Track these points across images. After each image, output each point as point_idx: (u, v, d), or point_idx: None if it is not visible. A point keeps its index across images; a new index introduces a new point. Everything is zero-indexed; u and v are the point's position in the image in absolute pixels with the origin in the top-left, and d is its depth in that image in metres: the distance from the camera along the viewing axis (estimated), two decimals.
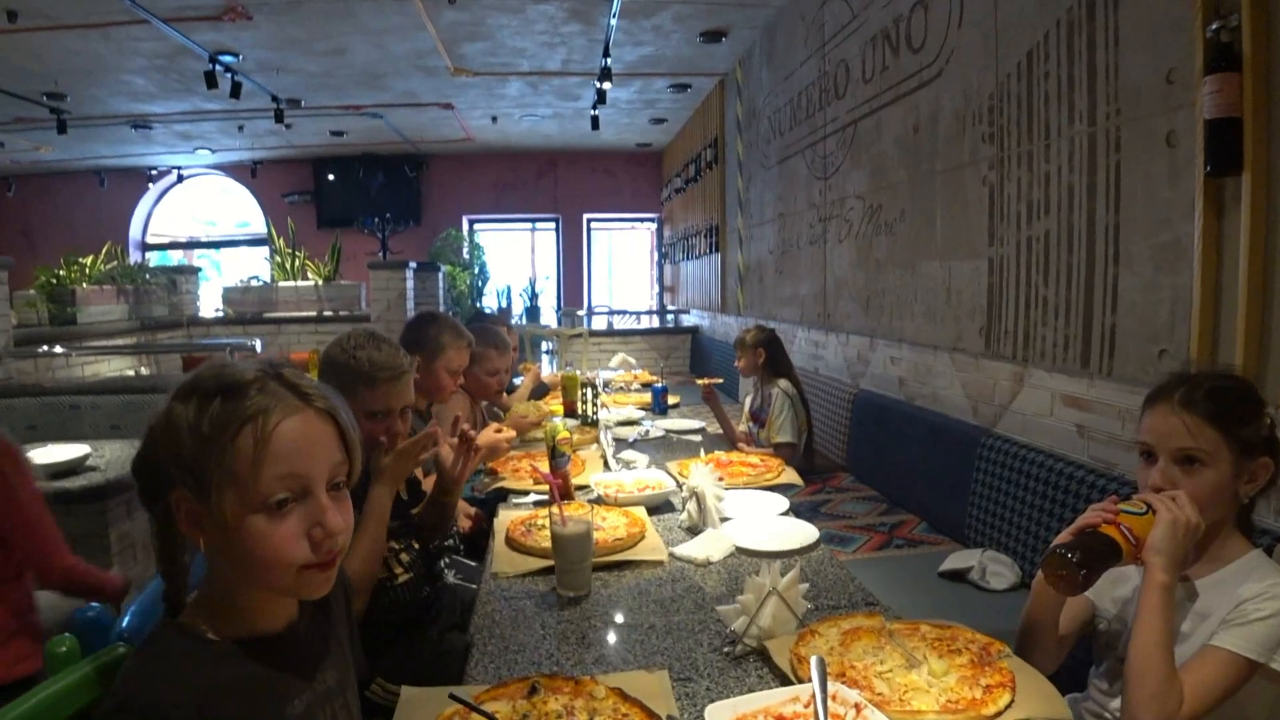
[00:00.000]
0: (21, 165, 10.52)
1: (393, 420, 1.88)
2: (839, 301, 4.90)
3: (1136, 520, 1.32)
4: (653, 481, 2.52)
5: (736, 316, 7.58)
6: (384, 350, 1.92)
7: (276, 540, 0.95)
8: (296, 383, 1.01)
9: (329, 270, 7.43)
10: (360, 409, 1.81)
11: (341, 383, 1.81)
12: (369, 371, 1.87)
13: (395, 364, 1.91)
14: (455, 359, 2.79)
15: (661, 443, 3.37)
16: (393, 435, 1.88)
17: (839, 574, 1.85)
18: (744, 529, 2.10)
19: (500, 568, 1.87)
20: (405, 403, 1.91)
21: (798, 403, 4.03)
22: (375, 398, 1.88)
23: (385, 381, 1.89)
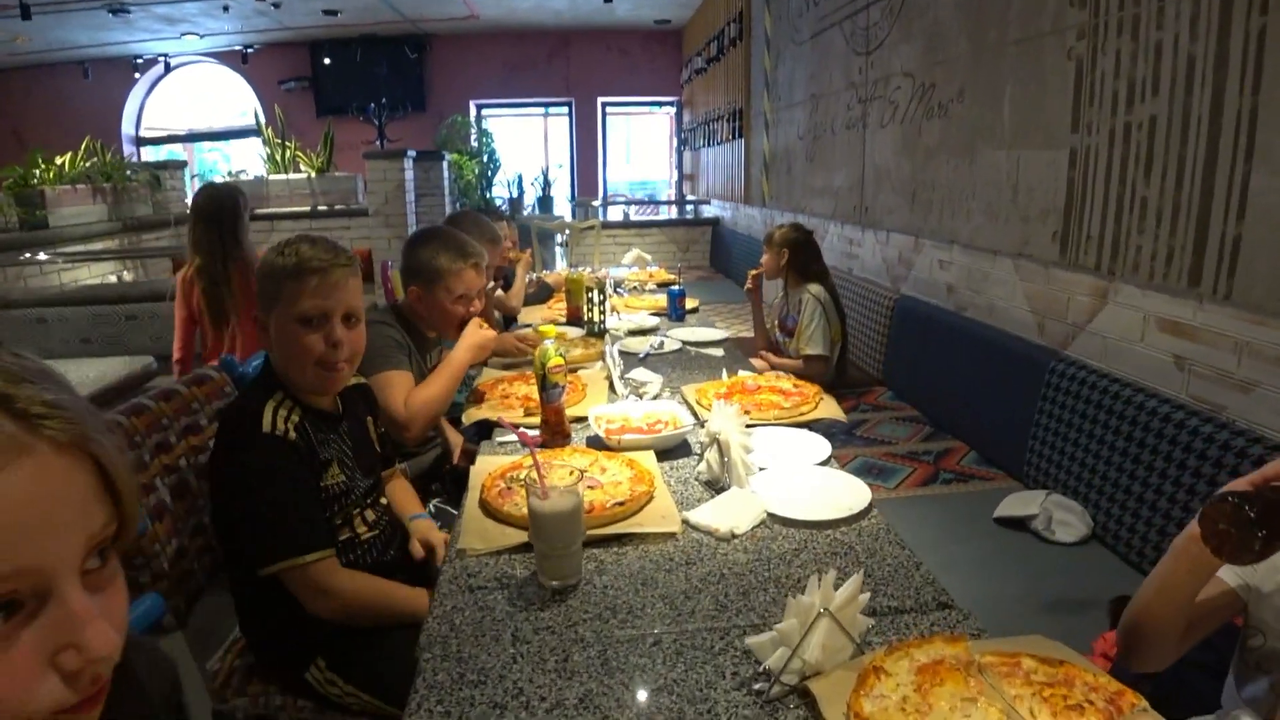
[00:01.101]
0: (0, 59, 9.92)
1: (331, 327, 1.62)
2: (879, 195, 4.37)
3: None
4: (665, 415, 2.11)
5: (761, 208, 7.04)
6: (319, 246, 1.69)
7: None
8: (12, 394, 0.54)
9: (322, 161, 6.91)
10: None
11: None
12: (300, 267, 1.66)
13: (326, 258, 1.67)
14: (459, 283, 2.37)
15: (678, 359, 2.94)
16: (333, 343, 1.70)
17: (900, 556, 1.44)
18: (776, 486, 1.69)
19: (469, 542, 1.47)
20: (345, 308, 1.64)
21: (831, 310, 3.58)
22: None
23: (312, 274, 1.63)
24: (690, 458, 1.92)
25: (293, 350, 1.58)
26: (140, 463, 1.67)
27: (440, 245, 2.36)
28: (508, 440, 2.07)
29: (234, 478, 1.51)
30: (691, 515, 1.56)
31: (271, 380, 1.63)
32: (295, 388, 1.62)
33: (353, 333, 1.63)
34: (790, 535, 1.52)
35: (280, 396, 1.58)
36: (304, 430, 1.58)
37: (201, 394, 1.97)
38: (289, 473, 1.51)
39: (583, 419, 2.16)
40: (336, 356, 1.59)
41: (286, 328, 1.57)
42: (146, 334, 4.22)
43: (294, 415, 1.57)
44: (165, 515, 1.69)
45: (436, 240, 2.39)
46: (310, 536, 1.51)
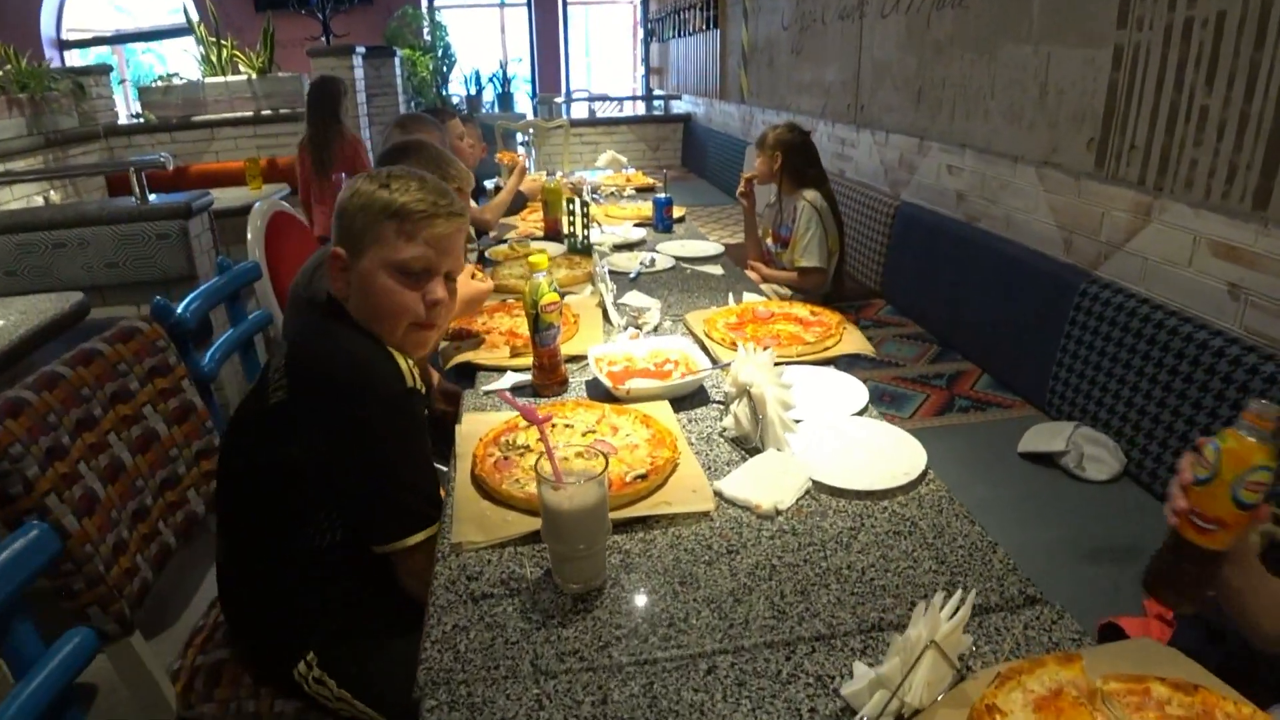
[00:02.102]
0: None
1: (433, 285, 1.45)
2: (878, 92, 4.04)
3: (1203, 494, 0.96)
4: (674, 353, 1.86)
5: (739, 104, 6.64)
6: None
7: None
8: None
9: (262, 61, 6.34)
10: None
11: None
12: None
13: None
14: None
15: (674, 279, 2.67)
16: None
17: (971, 535, 1.23)
18: (816, 446, 1.46)
19: (465, 533, 1.23)
20: (451, 265, 1.47)
21: (828, 218, 3.32)
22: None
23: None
24: (709, 406, 1.68)
25: (384, 303, 1.36)
26: (58, 447, 1.40)
27: (418, 164, 1.99)
28: (494, 388, 1.82)
29: (376, 443, 1.26)
30: (725, 486, 1.32)
31: (360, 328, 1.38)
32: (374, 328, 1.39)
33: (451, 295, 1.45)
34: (841, 509, 1.29)
35: (380, 344, 1.36)
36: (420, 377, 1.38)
37: (129, 352, 1.68)
38: (427, 433, 1.39)
39: (578, 358, 1.90)
40: (434, 318, 1.40)
41: (378, 275, 1.35)
42: (77, 263, 3.79)
43: (412, 366, 1.35)
44: (96, 508, 1.43)
45: (413, 159, 2.07)
46: (436, 504, 1.35)
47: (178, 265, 3.89)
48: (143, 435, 1.64)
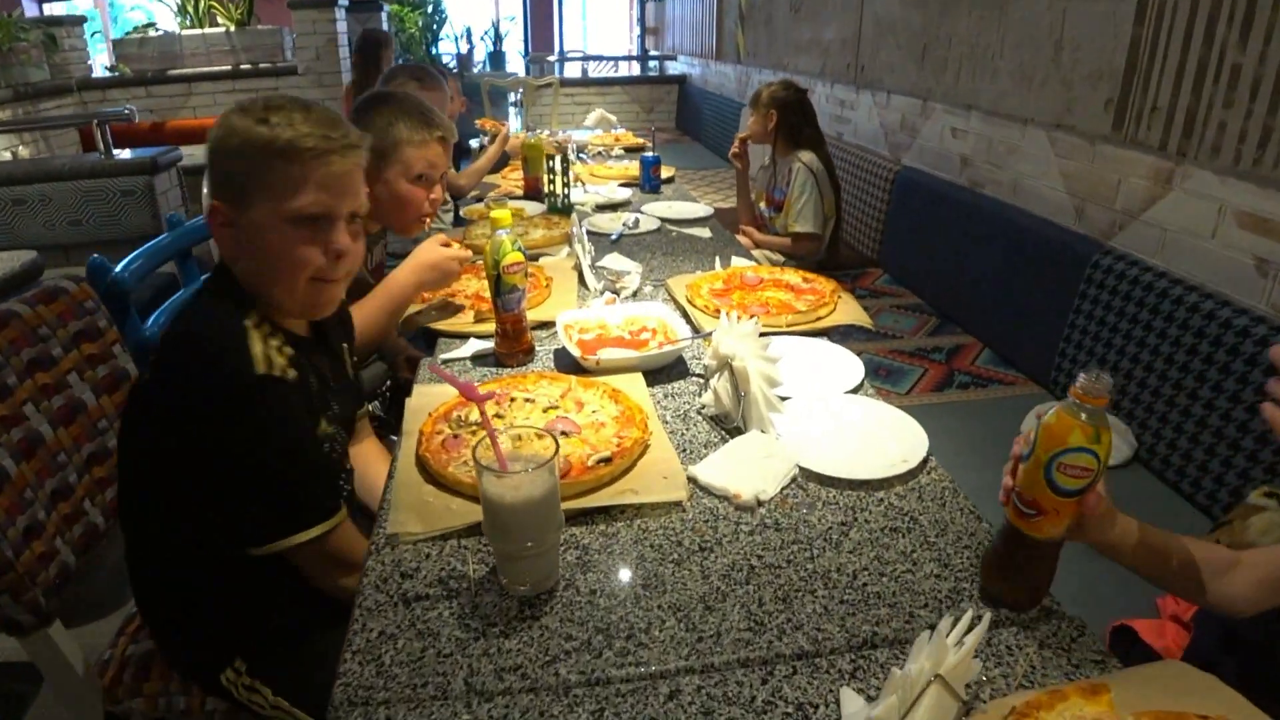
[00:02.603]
0: None
1: (334, 232, 1.20)
2: (879, 51, 3.85)
3: (1025, 473, 0.88)
4: (651, 320, 1.71)
5: (735, 64, 6.43)
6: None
7: None
8: None
9: (241, 13, 6.09)
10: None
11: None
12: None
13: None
14: (419, 158, 1.84)
15: (658, 241, 2.51)
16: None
17: (978, 532, 1.09)
18: (805, 427, 1.31)
19: (402, 522, 1.08)
20: (353, 205, 1.22)
21: (824, 181, 3.15)
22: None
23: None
24: (687, 380, 1.53)
25: (279, 259, 1.15)
26: None
27: (398, 110, 1.83)
28: (454, 357, 1.66)
29: (217, 438, 1.07)
30: (700, 472, 1.18)
31: (234, 294, 1.18)
32: (265, 305, 1.19)
33: (356, 241, 1.22)
34: (832, 499, 1.15)
35: (254, 319, 1.15)
36: (299, 361, 1.18)
37: (52, 314, 1.52)
38: (295, 423, 1.14)
39: (549, 325, 1.75)
40: (337, 271, 1.19)
41: (271, 228, 1.13)
42: (38, 220, 3.63)
43: (284, 344, 1.16)
44: (5, 487, 1.28)
45: (392, 103, 1.86)
46: (325, 499, 1.17)
47: (143, 223, 3.72)
48: (66, 406, 1.48)
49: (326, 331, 1.35)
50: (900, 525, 1.09)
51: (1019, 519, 0.89)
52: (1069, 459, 0.82)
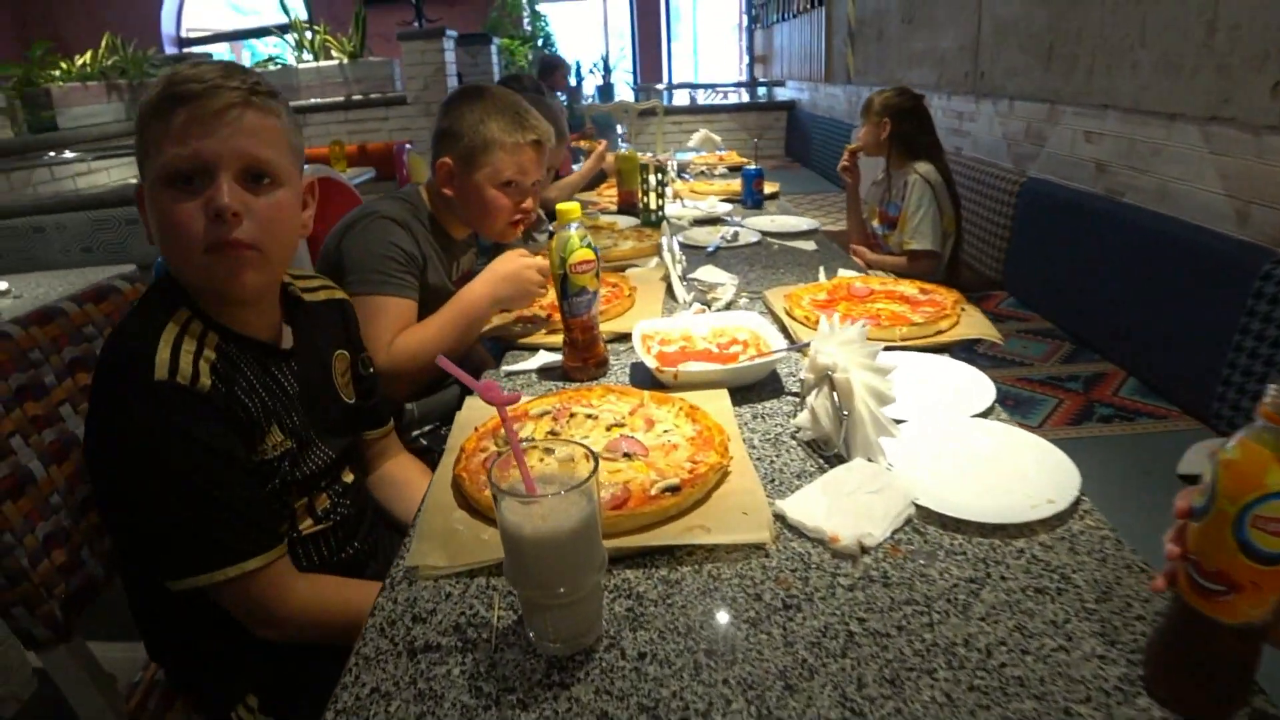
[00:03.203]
0: None
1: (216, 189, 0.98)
2: (1000, 54, 3.56)
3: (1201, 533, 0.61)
4: (742, 331, 1.49)
5: (845, 85, 6.18)
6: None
7: None
8: None
9: (354, 46, 6.25)
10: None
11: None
12: None
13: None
14: (510, 162, 1.67)
15: (757, 254, 2.29)
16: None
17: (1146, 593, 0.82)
18: (923, 457, 1.07)
19: (425, 555, 0.90)
20: (241, 157, 1.00)
21: (943, 195, 2.87)
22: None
23: None
24: (781, 399, 1.30)
25: (164, 230, 0.99)
26: None
27: (491, 107, 1.67)
28: (519, 369, 1.49)
29: (115, 454, 0.96)
30: (789, 508, 0.95)
31: (170, 292, 1.04)
32: (204, 300, 1.05)
33: (263, 200, 1.02)
34: (958, 548, 0.90)
35: (184, 318, 1.01)
36: (225, 369, 1.01)
37: (99, 313, 1.42)
38: (203, 442, 0.95)
39: (627, 337, 1.56)
40: (226, 233, 0.98)
41: (153, 195, 0.98)
42: (55, 247, 3.80)
43: (207, 347, 1.00)
44: (29, 488, 1.16)
45: (485, 98, 1.70)
46: (246, 535, 0.98)
47: (147, 251, 3.78)
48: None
49: (312, 332, 1.20)
50: (1048, 585, 0.84)
51: (1199, 598, 0.63)
52: (1269, 509, 0.57)
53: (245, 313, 1.09)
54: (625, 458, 1.04)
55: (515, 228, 1.75)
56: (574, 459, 0.77)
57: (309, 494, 1.16)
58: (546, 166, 1.84)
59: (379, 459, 1.40)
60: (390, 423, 1.41)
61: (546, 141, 1.72)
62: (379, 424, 1.38)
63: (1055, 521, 0.94)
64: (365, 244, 1.59)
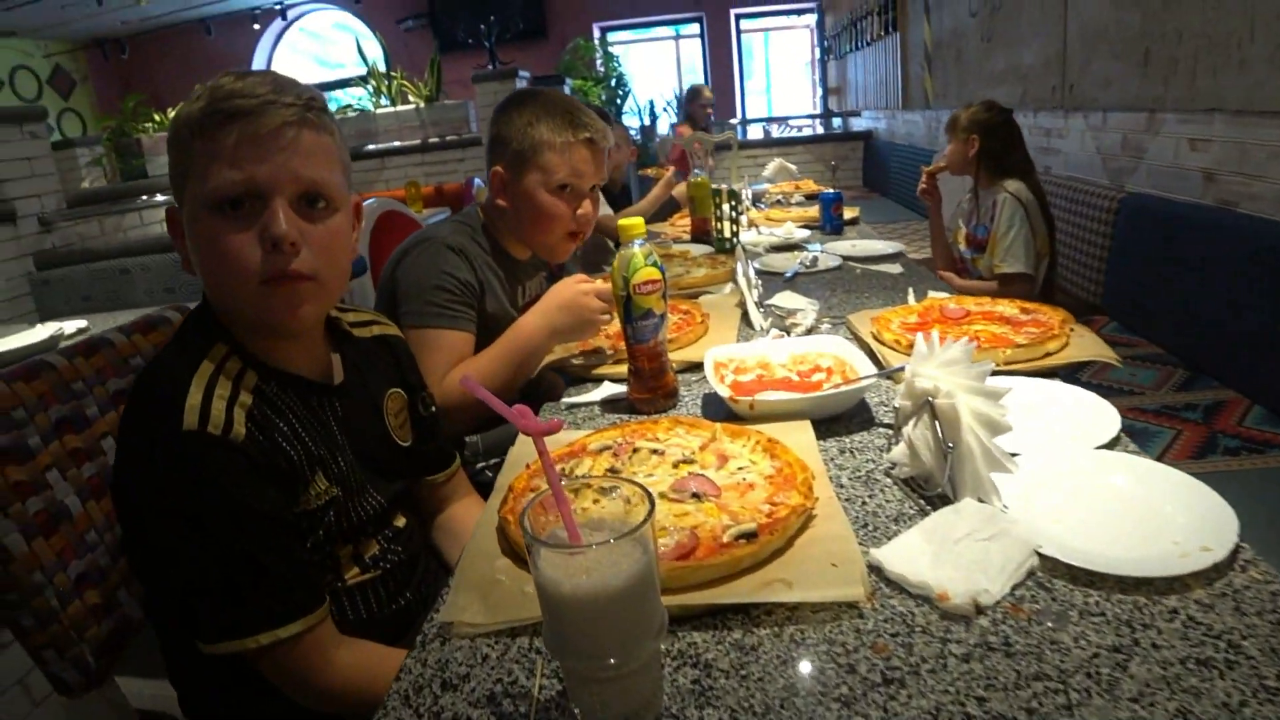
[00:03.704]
0: (130, 24, 10.06)
1: (271, 215, 0.91)
2: (1090, 65, 3.37)
3: None
4: (824, 357, 1.36)
5: (923, 110, 6.01)
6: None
7: None
8: None
9: (430, 90, 6.37)
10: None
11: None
12: None
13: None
14: (562, 163, 1.56)
15: (839, 279, 2.15)
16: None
17: None
18: (1042, 496, 0.91)
19: (461, 609, 0.78)
20: (297, 181, 0.93)
21: (1036, 214, 2.69)
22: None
23: None
24: (872, 431, 1.16)
25: (212, 260, 0.91)
26: (17, 448, 1.08)
27: (540, 108, 1.58)
28: (580, 401, 1.38)
29: (141, 506, 0.89)
30: (887, 558, 0.80)
31: (207, 323, 0.97)
32: (245, 333, 0.97)
33: (320, 226, 0.94)
34: (1095, 607, 0.74)
35: (221, 354, 0.93)
36: (263, 415, 0.93)
37: (148, 344, 1.37)
38: (235, 499, 0.86)
39: (693, 370, 1.44)
40: (284, 264, 0.90)
41: (198, 222, 0.90)
42: (140, 289, 3.92)
43: (243, 390, 0.92)
44: (64, 524, 1.10)
45: (535, 102, 1.60)
46: (282, 597, 0.88)
47: None
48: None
49: (363, 368, 1.10)
50: (1214, 656, 0.67)
51: None
52: None
53: (290, 347, 1.01)
54: (693, 499, 0.91)
55: (573, 239, 1.65)
56: (630, 500, 0.65)
57: (355, 541, 1.06)
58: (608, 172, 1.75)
59: (444, 503, 1.29)
60: (455, 464, 1.30)
61: (602, 141, 1.62)
62: (442, 467, 1.27)
63: (1212, 574, 0.78)
64: (418, 273, 1.52)
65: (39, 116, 4.25)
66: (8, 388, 1.13)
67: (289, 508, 0.93)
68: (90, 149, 5.25)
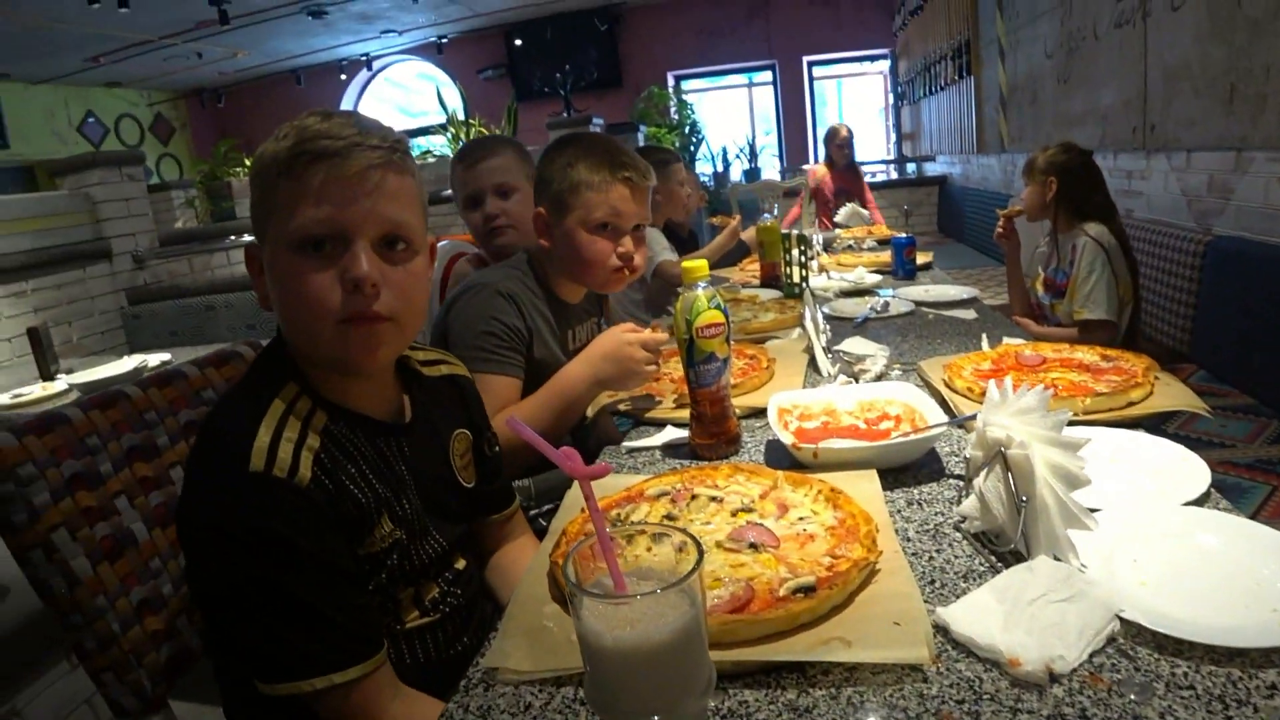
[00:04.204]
0: (227, 75, 10.66)
1: (352, 256, 0.92)
2: (1173, 103, 3.27)
3: None
4: (893, 404, 1.31)
5: (999, 154, 5.91)
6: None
7: None
8: None
9: (506, 135, 6.54)
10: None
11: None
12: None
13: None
14: (600, 202, 1.57)
15: (910, 324, 2.10)
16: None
17: None
18: (1125, 555, 0.85)
19: (505, 655, 0.76)
20: (381, 223, 0.94)
21: (1118, 259, 2.59)
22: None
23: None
24: (942, 482, 1.11)
25: (291, 298, 0.92)
26: (89, 474, 1.12)
27: (579, 149, 1.59)
28: (641, 445, 1.36)
29: (203, 544, 0.89)
30: (954, 618, 0.76)
31: (279, 361, 0.98)
32: (317, 373, 0.98)
33: (399, 270, 0.95)
34: (1184, 679, 0.68)
35: (292, 393, 0.94)
36: (331, 458, 0.93)
37: (220, 377, 1.40)
38: (297, 543, 0.86)
39: (755, 415, 1.41)
40: (365, 305, 0.91)
41: (279, 260, 0.91)
42: (223, 325, 4.10)
43: (312, 432, 0.92)
44: (129, 551, 1.13)
45: (576, 144, 1.62)
46: (341, 643, 0.88)
47: None
48: None
49: (430, 407, 1.10)
50: None
51: None
52: None
53: (361, 386, 1.01)
54: (751, 549, 0.88)
55: (619, 275, 1.63)
56: (681, 549, 0.63)
57: (416, 584, 1.04)
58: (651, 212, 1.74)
59: (501, 542, 1.27)
60: (515, 503, 1.29)
61: (641, 180, 1.61)
62: (503, 506, 1.26)
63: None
64: (467, 318, 1.53)
65: (137, 161, 4.48)
66: (84, 416, 1.17)
67: (353, 551, 0.93)
68: (184, 191, 5.52)
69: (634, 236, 1.62)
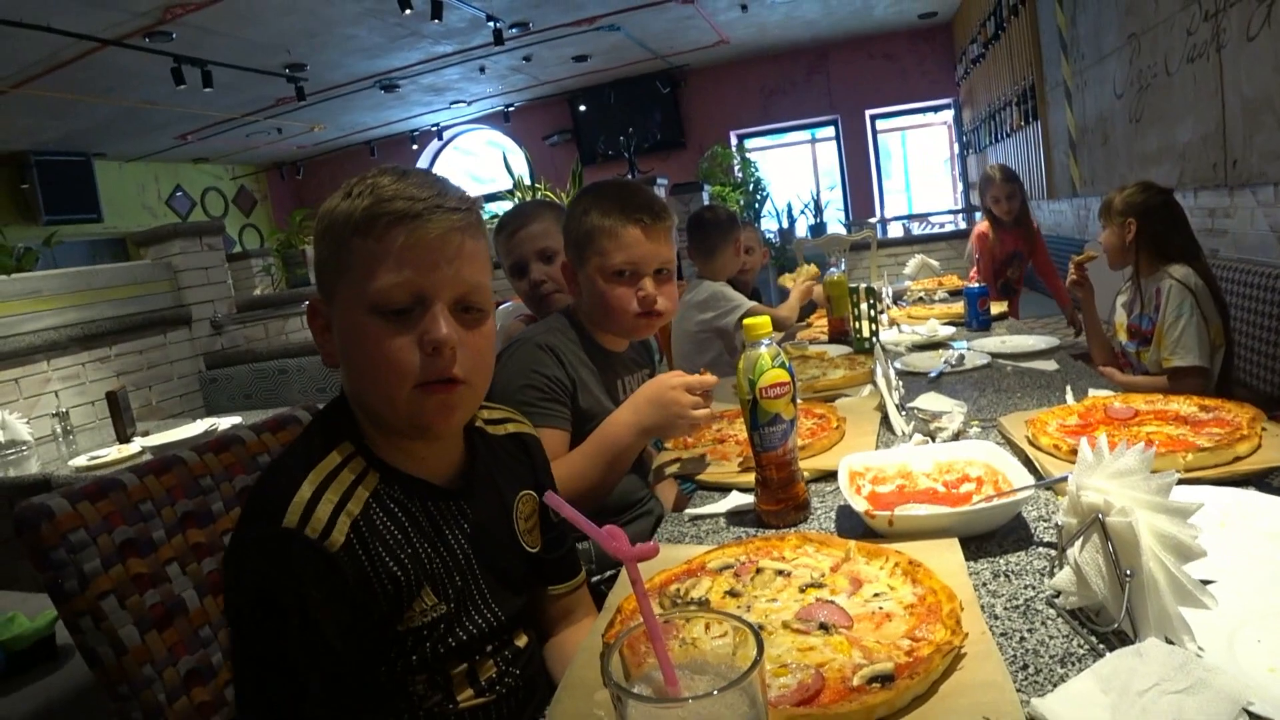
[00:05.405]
0: (305, 148, 11.16)
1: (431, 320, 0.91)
2: (1254, 136, 3.13)
3: None
4: (975, 465, 1.22)
5: (1071, 198, 5.75)
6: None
7: None
8: None
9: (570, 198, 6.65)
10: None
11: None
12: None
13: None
14: (615, 247, 1.54)
15: (988, 378, 1.99)
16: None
17: None
18: (1255, 639, 0.76)
19: None
20: (458, 287, 0.93)
21: (1206, 301, 2.46)
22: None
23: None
24: (1030, 551, 1.01)
25: (367, 361, 0.91)
26: (142, 541, 1.12)
27: (596, 196, 1.58)
28: (706, 513, 1.29)
29: (229, 594, 0.87)
30: (1051, 711, 0.67)
31: (339, 419, 0.96)
32: (378, 433, 0.95)
33: (473, 333, 0.94)
34: None
35: (347, 452, 0.92)
36: (370, 525, 0.89)
37: (276, 443, 1.39)
38: (310, 608, 0.82)
39: (827, 478, 1.33)
40: (443, 369, 0.90)
41: (353, 321, 0.90)
42: (294, 388, 4.20)
43: (353, 499, 0.89)
44: (179, 619, 1.12)
45: (594, 191, 1.61)
46: (343, 716, 0.84)
47: None
48: None
49: (495, 475, 1.06)
50: None
51: None
52: None
53: (423, 449, 0.98)
54: (821, 630, 0.80)
55: (646, 320, 1.58)
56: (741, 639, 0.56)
57: (470, 660, 0.99)
58: (677, 253, 1.69)
59: (562, 619, 1.19)
60: (580, 576, 1.21)
61: (656, 221, 1.55)
62: (567, 577, 1.18)
63: None
64: (510, 373, 1.52)
65: (216, 231, 4.67)
66: (140, 481, 1.17)
67: (385, 625, 0.89)
68: (263, 259, 5.73)
69: (655, 279, 1.57)
